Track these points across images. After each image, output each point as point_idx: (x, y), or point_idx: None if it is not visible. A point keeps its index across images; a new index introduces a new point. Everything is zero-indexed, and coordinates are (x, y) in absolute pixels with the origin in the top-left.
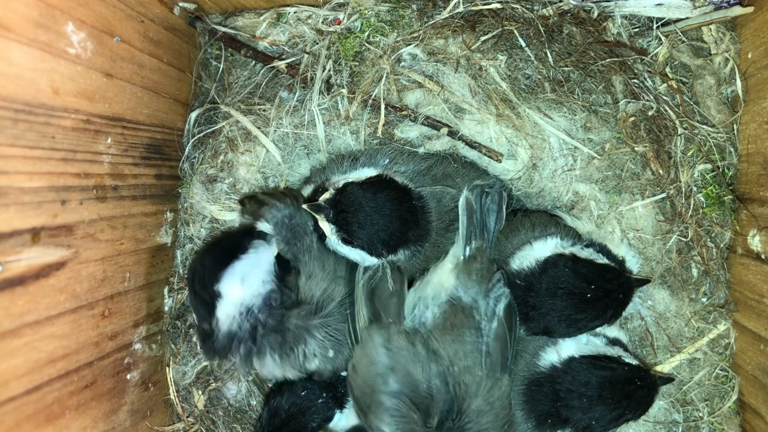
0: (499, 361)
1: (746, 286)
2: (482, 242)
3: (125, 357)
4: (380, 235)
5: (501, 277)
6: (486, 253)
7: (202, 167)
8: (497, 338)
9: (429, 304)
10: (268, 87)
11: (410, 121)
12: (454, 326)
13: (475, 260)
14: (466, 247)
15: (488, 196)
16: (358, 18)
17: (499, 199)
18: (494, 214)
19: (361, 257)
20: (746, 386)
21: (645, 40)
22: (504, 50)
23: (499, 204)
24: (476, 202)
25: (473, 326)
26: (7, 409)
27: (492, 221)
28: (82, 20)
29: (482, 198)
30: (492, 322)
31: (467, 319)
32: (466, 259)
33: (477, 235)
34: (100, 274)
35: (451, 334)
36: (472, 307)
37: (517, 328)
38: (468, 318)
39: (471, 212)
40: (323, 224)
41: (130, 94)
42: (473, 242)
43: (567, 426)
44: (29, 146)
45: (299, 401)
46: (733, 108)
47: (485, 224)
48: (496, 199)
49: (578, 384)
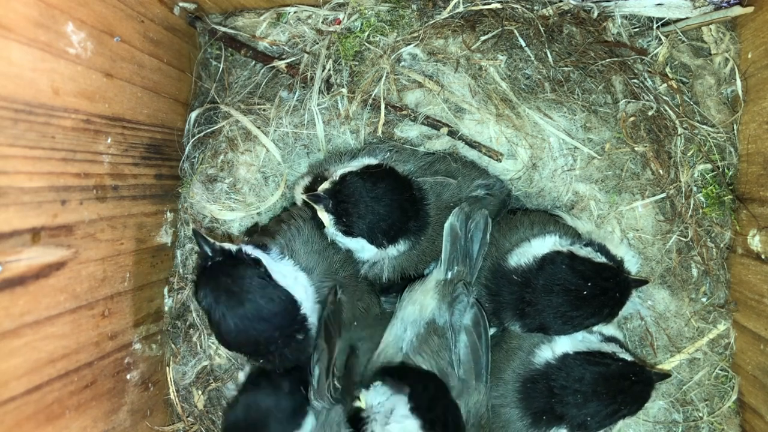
0: (473, 369)
1: (746, 286)
2: (463, 268)
3: (125, 357)
4: (381, 225)
5: (462, 289)
6: (465, 279)
7: (202, 167)
8: (468, 349)
9: (407, 327)
10: (268, 87)
11: (410, 120)
12: (431, 350)
13: (452, 284)
14: (447, 272)
15: (473, 222)
16: (358, 18)
17: (484, 225)
18: (478, 241)
19: (361, 246)
20: (746, 386)
21: (645, 40)
22: (504, 50)
23: (484, 230)
24: (461, 228)
25: (447, 346)
26: (7, 409)
27: (476, 248)
28: (82, 20)
29: (467, 223)
30: (460, 334)
31: (441, 340)
32: (446, 282)
33: (459, 260)
34: (100, 274)
35: (428, 355)
36: (444, 327)
37: (488, 335)
38: (441, 338)
39: (455, 238)
40: (322, 215)
41: (130, 94)
42: (455, 267)
43: (562, 423)
44: (29, 146)
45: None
46: (733, 108)
47: (468, 251)
48: (481, 225)
49: (572, 380)
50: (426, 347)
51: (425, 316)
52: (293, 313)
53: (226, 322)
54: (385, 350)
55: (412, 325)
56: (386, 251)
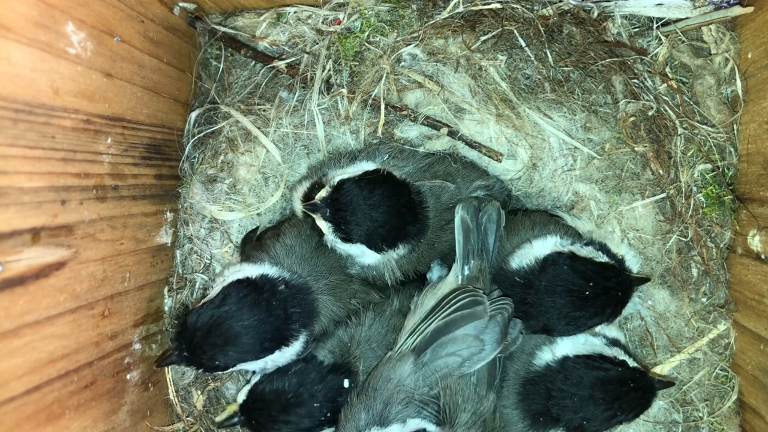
0: (486, 379)
1: (746, 286)
2: (481, 261)
3: (125, 357)
4: (379, 232)
5: (500, 297)
6: (486, 273)
7: (202, 167)
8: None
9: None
10: (268, 87)
11: (410, 120)
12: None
13: (476, 281)
14: (464, 267)
15: (485, 214)
16: (358, 18)
17: (498, 217)
18: (493, 234)
19: (361, 251)
20: (746, 386)
21: (645, 40)
22: (504, 50)
23: (497, 222)
24: (472, 221)
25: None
26: (7, 409)
27: (491, 240)
28: (82, 20)
29: (478, 215)
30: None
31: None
32: (464, 279)
33: (475, 254)
34: (100, 274)
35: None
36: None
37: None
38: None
39: (468, 231)
40: (320, 223)
41: (130, 94)
42: (471, 261)
43: (559, 425)
44: (29, 146)
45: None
46: (733, 108)
47: (484, 243)
48: (494, 217)
49: (570, 383)
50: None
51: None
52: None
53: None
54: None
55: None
56: (387, 255)
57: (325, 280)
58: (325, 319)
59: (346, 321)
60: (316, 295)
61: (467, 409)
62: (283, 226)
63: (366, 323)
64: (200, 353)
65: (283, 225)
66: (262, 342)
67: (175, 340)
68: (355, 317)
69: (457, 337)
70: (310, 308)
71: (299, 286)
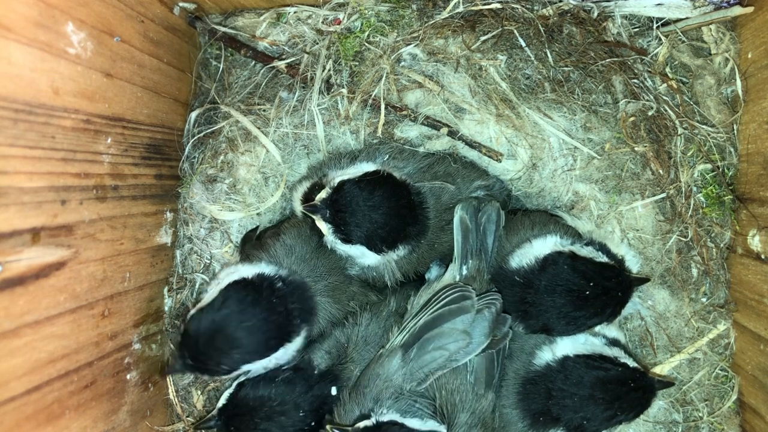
0: (484, 378)
1: (746, 286)
2: (479, 262)
3: (125, 357)
4: (379, 233)
5: (489, 293)
6: (484, 274)
7: (202, 167)
8: (482, 358)
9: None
10: (268, 87)
11: (410, 120)
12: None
13: (474, 281)
14: (462, 267)
15: (484, 214)
16: (358, 18)
17: (497, 217)
18: (492, 234)
19: (361, 252)
20: (746, 386)
21: (645, 40)
22: (504, 50)
23: (497, 222)
24: (471, 221)
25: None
26: (7, 409)
27: (490, 240)
28: (82, 20)
29: (477, 216)
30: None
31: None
32: (462, 279)
33: (474, 254)
34: (100, 274)
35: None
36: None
37: (505, 347)
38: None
39: (466, 231)
40: (320, 224)
41: (130, 94)
42: (470, 261)
43: (559, 425)
44: (29, 146)
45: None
46: (733, 108)
47: (483, 243)
48: (493, 218)
49: (571, 383)
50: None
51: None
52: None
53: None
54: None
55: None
56: (387, 257)
57: (324, 282)
58: (324, 321)
59: (344, 321)
60: (315, 295)
61: (466, 409)
62: (283, 225)
63: (363, 323)
64: (206, 359)
65: (282, 224)
66: (267, 340)
67: (178, 349)
68: (352, 317)
69: (444, 331)
70: (309, 303)
71: (297, 282)
